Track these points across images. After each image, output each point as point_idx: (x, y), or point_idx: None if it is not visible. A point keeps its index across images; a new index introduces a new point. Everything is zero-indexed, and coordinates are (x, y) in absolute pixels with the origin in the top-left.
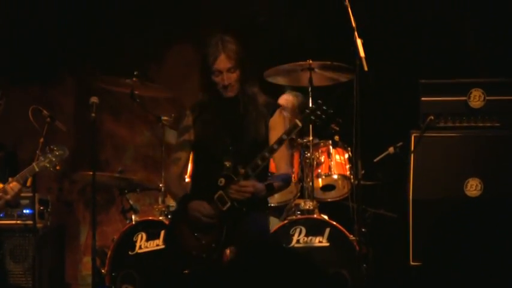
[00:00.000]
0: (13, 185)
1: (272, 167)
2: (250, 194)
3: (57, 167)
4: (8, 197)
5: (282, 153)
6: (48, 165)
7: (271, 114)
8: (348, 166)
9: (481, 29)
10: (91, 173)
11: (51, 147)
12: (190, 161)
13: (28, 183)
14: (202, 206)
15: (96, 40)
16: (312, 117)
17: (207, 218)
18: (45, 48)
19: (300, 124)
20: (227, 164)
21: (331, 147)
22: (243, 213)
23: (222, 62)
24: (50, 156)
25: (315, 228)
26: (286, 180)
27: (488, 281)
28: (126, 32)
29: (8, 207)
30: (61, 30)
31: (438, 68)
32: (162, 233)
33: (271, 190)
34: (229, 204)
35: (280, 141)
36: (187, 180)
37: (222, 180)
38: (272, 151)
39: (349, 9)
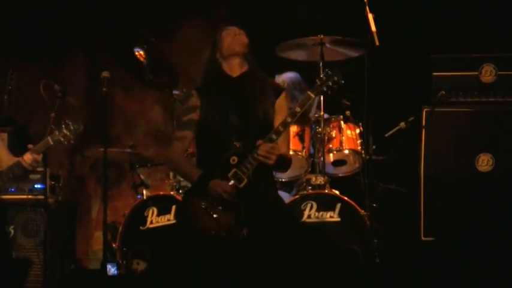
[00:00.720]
0: (35, 156)
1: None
2: (276, 157)
3: (72, 141)
4: (27, 166)
5: (284, 136)
6: (62, 139)
7: (277, 97)
8: (359, 141)
9: (493, 4)
10: (102, 149)
11: (66, 121)
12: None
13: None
14: (223, 183)
15: (107, 15)
16: (324, 88)
17: (229, 195)
18: (56, 23)
19: (313, 95)
20: (237, 144)
21: (342, 122)
22: (259, 188)
23: (232, 29)
24: (64, 130)
25: (326, 204)
26: (289, 160)
27: (498, 255)
28: (137, 7)
29: (17, 179)
30: (72, 5)
31: (450, 43)
32: (173, 207)
33: (283, 160)
34: (246, 180)
35: (293, 115)
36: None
37: (235, 158)
38: (286, 125)
39: None
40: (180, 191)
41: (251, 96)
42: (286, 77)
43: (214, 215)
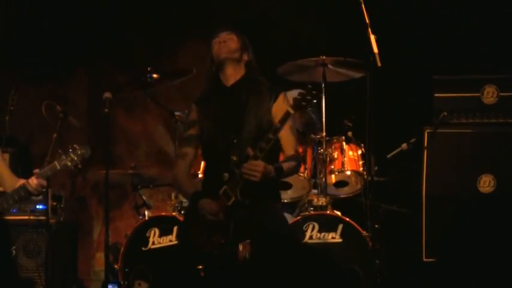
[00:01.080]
0: (41, 181)
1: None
2: (261, 174)
3: (79, 166)
4: (33, 190)
5: (287, 138)
6: (69, 164)
7: (275, 100)
8: (361, 162)
9: (495, 25)
10: (104, 171)
11: (74, 146)
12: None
13: None
14: (207, 203)
15: (109, 36)
16: (303, 103)
17: (212, 215)
18: (58, 44)
19: (292, 111)
20: (234, 158)
21: (344, 143)
22: (248, 207)
23: (220, 35)
24: (72, 155)
25: (328, 225)
26: (295, 162)
27: (500, 276)
28: (140, 27)
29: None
30: (74, 26)
31: (451, 64)
32: (175, 228)
33: (280, 171)
34: (233, 198)
35: (275, 131)
36: (200, 176)
37: (226, 175)
38: (268, 141)
39: (363, 5)
40: (182, 212)
41: (245, 106)
42: (294, 94)
43: (207, 232)
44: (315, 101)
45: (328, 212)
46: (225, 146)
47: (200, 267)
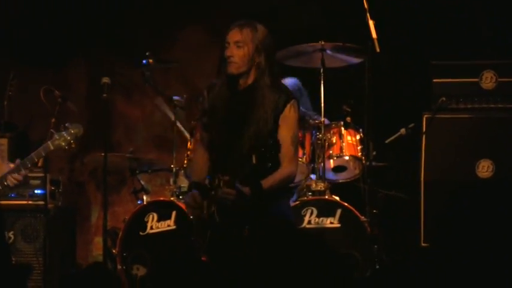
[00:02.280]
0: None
1: None
2: (233, 199)
3: (72, 145)
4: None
5: (285, 150)
6: (63, 144)
7: (283, 109)
8: (359, 147)
9: (494, 10)
10: (102, 154)
11: (66, 125)
12: None
13: (39, 164)
14: (193, 198)
15: (108, 21)
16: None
17: (194, 210)
18: (57, 29)
19: None
20: (226, 178)
21: (342, 128)
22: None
23: (232, 34)
24: (64, 134)
25: (327, 209)
26: (284, 181)
27: (498, 261)
28: (139, 13)
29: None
30: (74, 11)
31: (450, 49)
32: (174, 213)
33: (258, 190)
34: (213, 209)
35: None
36: None
37: (207, 181)
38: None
39: None
40: (181, 197)
41: (250, 108)
42: (287, 82)
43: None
44: None
45: (326, 197)
46: (223, 145)
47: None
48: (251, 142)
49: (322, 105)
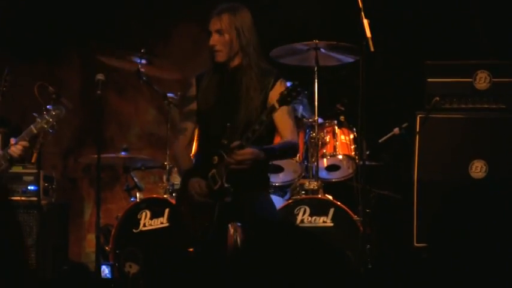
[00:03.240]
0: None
1: (276, 140)
2: (251, 161)
3: (55, 127)
4: (17, 156)
5: (284, 122)
6: (45, 126)
7: (272, 86)
8: (353, 146)
9: (488, 11)
10: (95, 156)
11: (47, 107)
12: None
13: (33, 160)
14: (198, 183)
15: (102, 17)
16: (288, 98)
17: (200, 196)
18: (51, 25)
19: (277, 106)
20: (225, 141)
21: (336, 127)
22: (234, 194)
23: (212, 23)
24: (46, 117)
25: (320, 208)
26: (289, 145)
27: (491, 262)
28: (132, 9)
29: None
30: (68, 7)
31: (444, 49)
32: (167, 211)
33: (272, 152)
34: (219, 183)
35: (260, 123)
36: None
37: (216, 158)
38: (254, 132)
39: None
40: (174, 194)
41: (240, 88)
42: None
43: (194, 213)
44: (299, 98)
45: (319, 195)
46: (217, 129)
47: (191, 249)
48: (244, 124)
49: (316, 103)
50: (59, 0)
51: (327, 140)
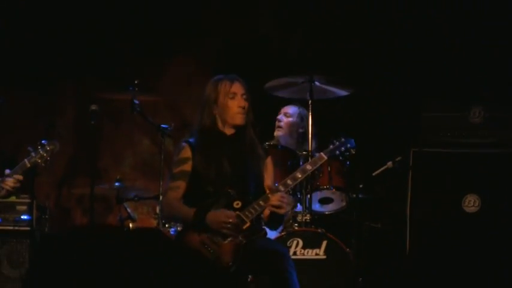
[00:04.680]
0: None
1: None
2: (290, 206)
3: (48, 161)
4: (10, 189)
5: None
6: (39, 161)
7: (265, 157)
8: (346, 179)
9: (481, 46)
10: (89, 189)
11: (42, 142)
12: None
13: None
14: (227, 211)
15: (97, 49)
16: (337, 153)
17: (231, 225)
18: (46, 55)
19: (325, 157)
20: (231, 191)
21: (329, 160)
22: (259, 233)
23: (239, 87)
24: (41, 151)
25: (312, 241)
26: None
27: None
28: (127, 41)
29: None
30: (63, 38)
31: (439, 83)
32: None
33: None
34: (248, 223)
35: (303, 171)
36: None
37: (239, 202)
38: (295, 179)
39: None
40: (167, 225)
41: (243, 150)
42: (288, 109)
43: (212, 250)
44: (347, 154)
45: (312, 228)
46: (221, 181)
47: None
48: (254, 185)
49: (310, 136)
50: (54, 30)
51: (320, 173)
